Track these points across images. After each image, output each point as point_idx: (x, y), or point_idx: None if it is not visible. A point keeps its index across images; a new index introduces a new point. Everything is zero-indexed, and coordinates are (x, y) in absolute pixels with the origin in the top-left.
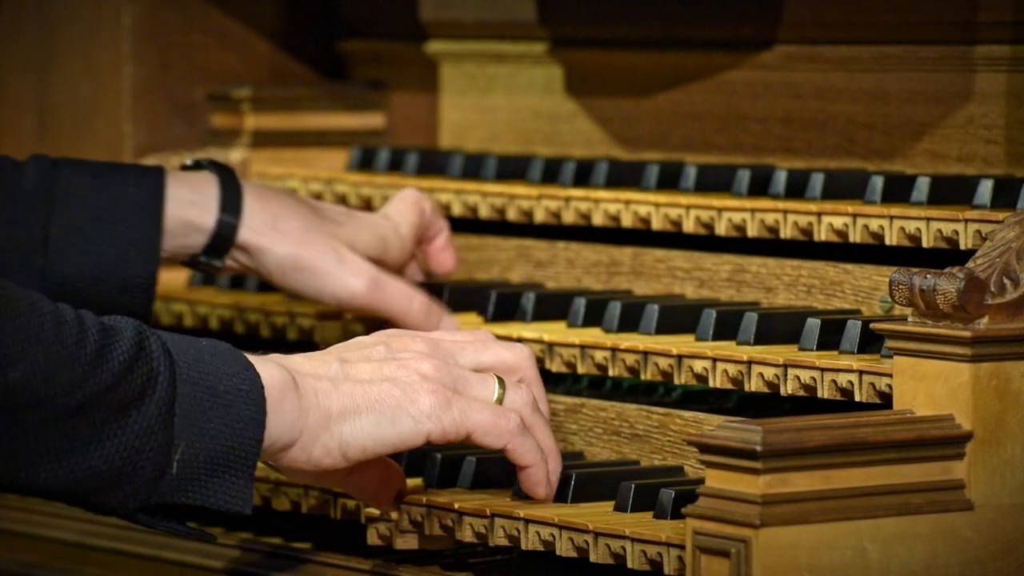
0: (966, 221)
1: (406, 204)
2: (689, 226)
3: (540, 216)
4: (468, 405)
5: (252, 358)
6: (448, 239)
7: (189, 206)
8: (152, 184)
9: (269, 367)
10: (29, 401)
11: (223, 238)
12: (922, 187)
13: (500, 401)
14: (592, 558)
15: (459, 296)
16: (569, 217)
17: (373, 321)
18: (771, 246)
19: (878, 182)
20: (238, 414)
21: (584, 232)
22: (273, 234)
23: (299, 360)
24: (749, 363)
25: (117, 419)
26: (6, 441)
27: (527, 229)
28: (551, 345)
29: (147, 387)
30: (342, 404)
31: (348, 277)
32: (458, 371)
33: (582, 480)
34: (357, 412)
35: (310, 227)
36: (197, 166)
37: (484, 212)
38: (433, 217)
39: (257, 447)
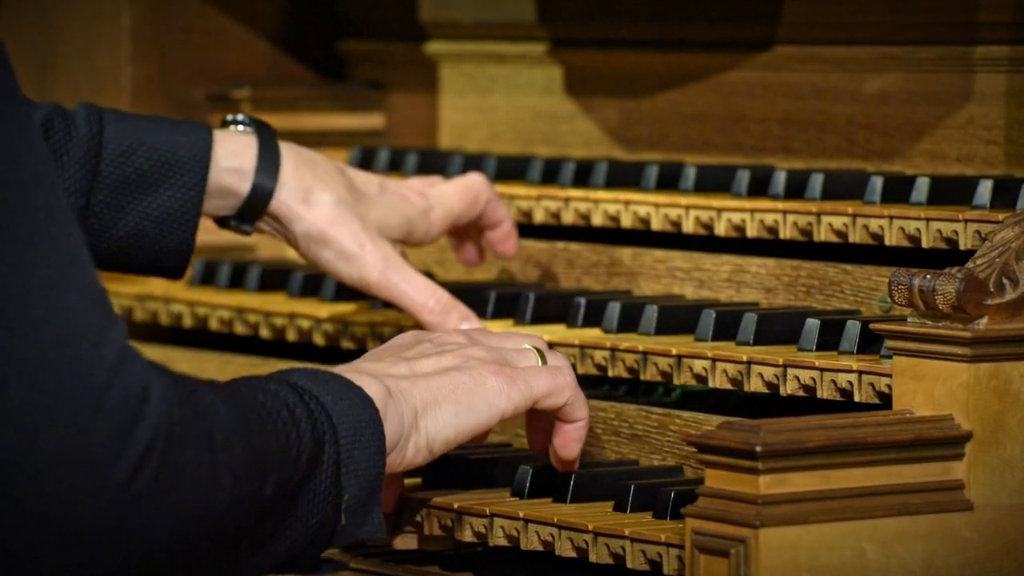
0: (965, 221)
1: (456, 190)
2: (689, 226)
3: (540, 216)
4: (527, 375)
5: (349, 375)
6: (511, 227)
7: (228, 173)
8: (200, 147)
9: (369, 382)
10: (268, 509)
11: (256, 206)
12: (921, 188)
13: (543, 363)
14: (592, 558)
15: (459, 296)
16: (569, 217)
17: (369, 323)
18: (771, 246)
19: (877, 182)
20: (373, 448)
21: (584, 232)
22: (304, 207)
23: (377, 365)
24: (748, 363)
25: (305, 490)
26: (244, 545)
27: (527, 229)
28: (551, 346)
29: (320, 455)
30: (423, 400)
31: (365, 266)
32: (502, 350)
33: (582, 480)
34: (437, 405)
35: (341, 203)
36: (236, 122)
37: None
38: (493, 206)
39: (383, 471)
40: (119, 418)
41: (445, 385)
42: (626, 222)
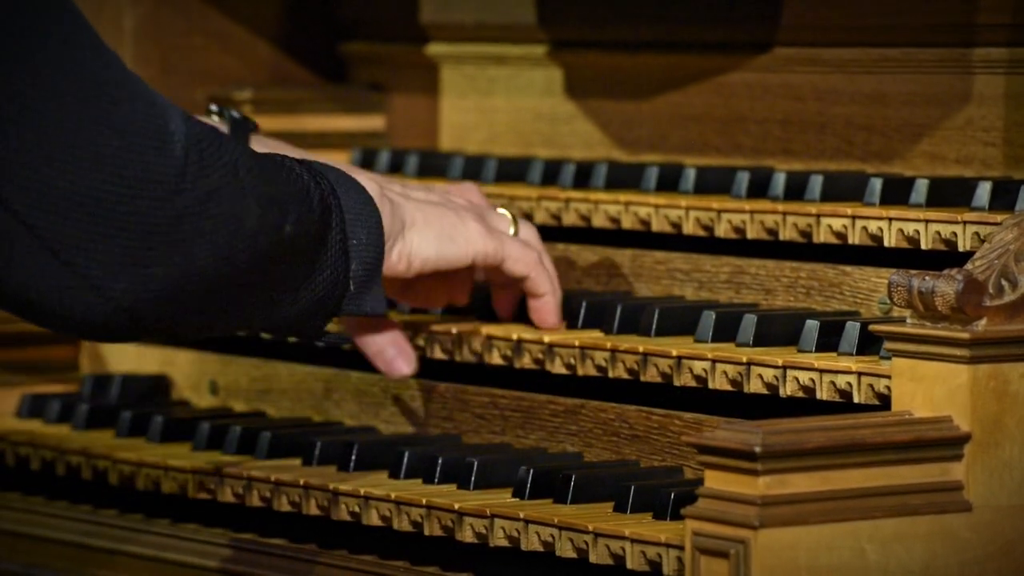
0: (964, 223)
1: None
2: (689, 228)
3: (540, 217)
4: (501, 236)
5: (346, 170)
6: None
7: None
8: None
9: (365, 179)
10: (293, 249)
11: None
12: (921, 189)
13: (516, 234)
14: (592, 559)
15: None
16: (569, 219)
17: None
18: (770, 248)
19: (877, 184)
20: (373, 227)
21: (584, 234)
22: None
23: (373, 175)
24: (748, 364)
25: (322, 252)
26: (273, 286)
27: None
28: (551, 346)
29: (330, 217)
30: (412, 216)
31: None
32: (481, 207)
33: (582, 481)
34: (425, 224)
35: None
36: (212, 112)
37: None
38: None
39: (384, 251)
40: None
41: (433, 213)
42: (626, 223)
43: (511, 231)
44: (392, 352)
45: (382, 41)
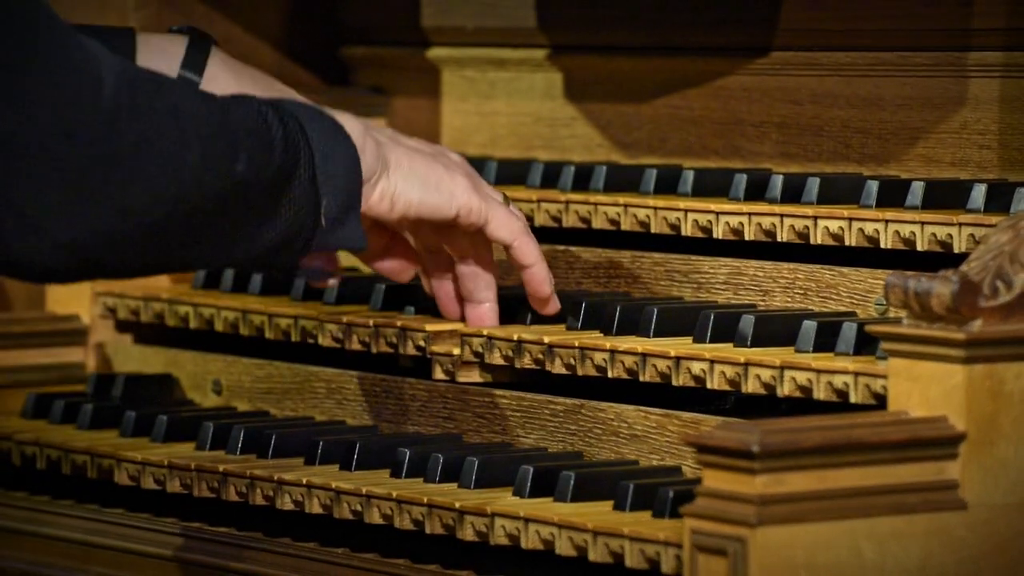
0: (960, 225)
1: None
2: (687, 229)
3: (540, 219)
4: (490, 199)
5: (330, 110)
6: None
7: (154, 66)
8: (122, 50)
9: (348, 120)
10: (246, 188)
11: None
12: (917, 191)
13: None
14: (591, 557)
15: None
16: (569, 221)
17: (373, 325)
18: (768, 249)
19: (873, 186)
20: (348, 162)
21: (583, 235)
22: None
23: (361, 119)
24: (746, 365)
25: (287, 189)
26: (227, 225)
27: None
28: (551, 347)
29: (298, 155)
30: (398, 159)
31: None
32: (476, 176)
33: (581, 480)
34: (411, 170)
35: None
36: (180, 31)
37: None
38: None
39: (361, 186)
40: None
41: (420, 161)
42: (625, 225)
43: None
44: (399, 267)
45: (384, 45)
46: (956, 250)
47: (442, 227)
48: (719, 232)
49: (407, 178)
